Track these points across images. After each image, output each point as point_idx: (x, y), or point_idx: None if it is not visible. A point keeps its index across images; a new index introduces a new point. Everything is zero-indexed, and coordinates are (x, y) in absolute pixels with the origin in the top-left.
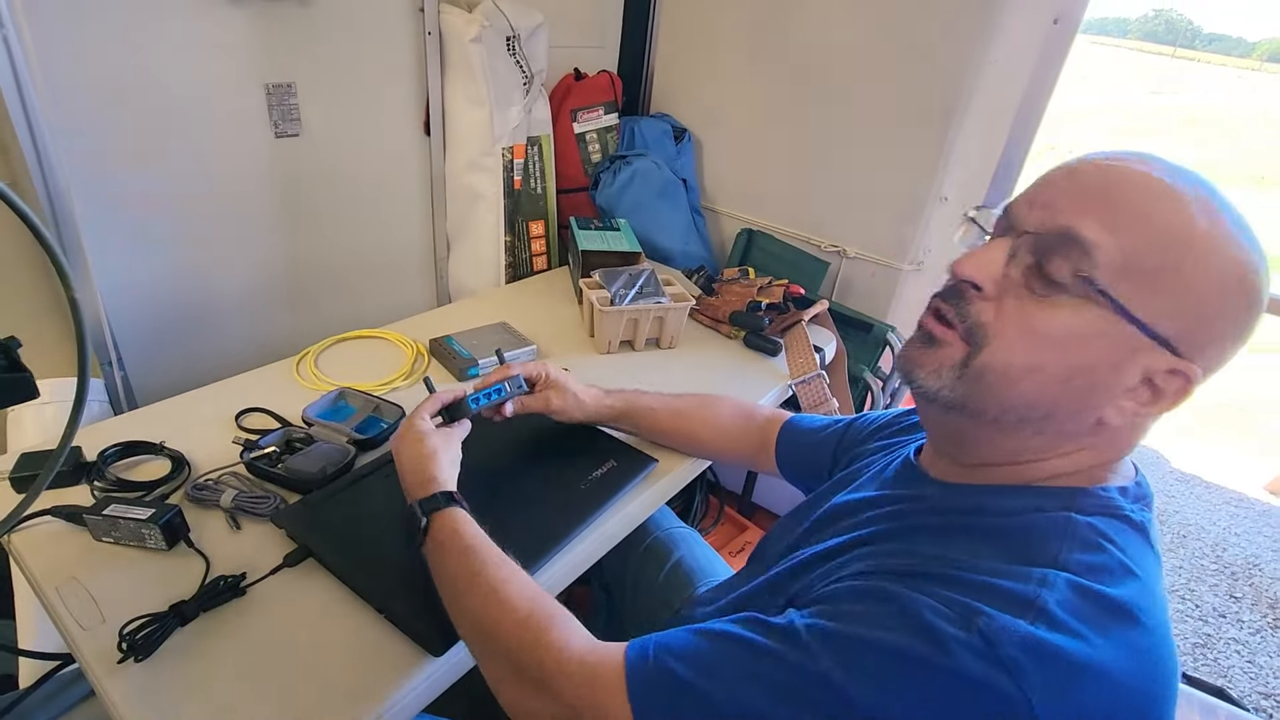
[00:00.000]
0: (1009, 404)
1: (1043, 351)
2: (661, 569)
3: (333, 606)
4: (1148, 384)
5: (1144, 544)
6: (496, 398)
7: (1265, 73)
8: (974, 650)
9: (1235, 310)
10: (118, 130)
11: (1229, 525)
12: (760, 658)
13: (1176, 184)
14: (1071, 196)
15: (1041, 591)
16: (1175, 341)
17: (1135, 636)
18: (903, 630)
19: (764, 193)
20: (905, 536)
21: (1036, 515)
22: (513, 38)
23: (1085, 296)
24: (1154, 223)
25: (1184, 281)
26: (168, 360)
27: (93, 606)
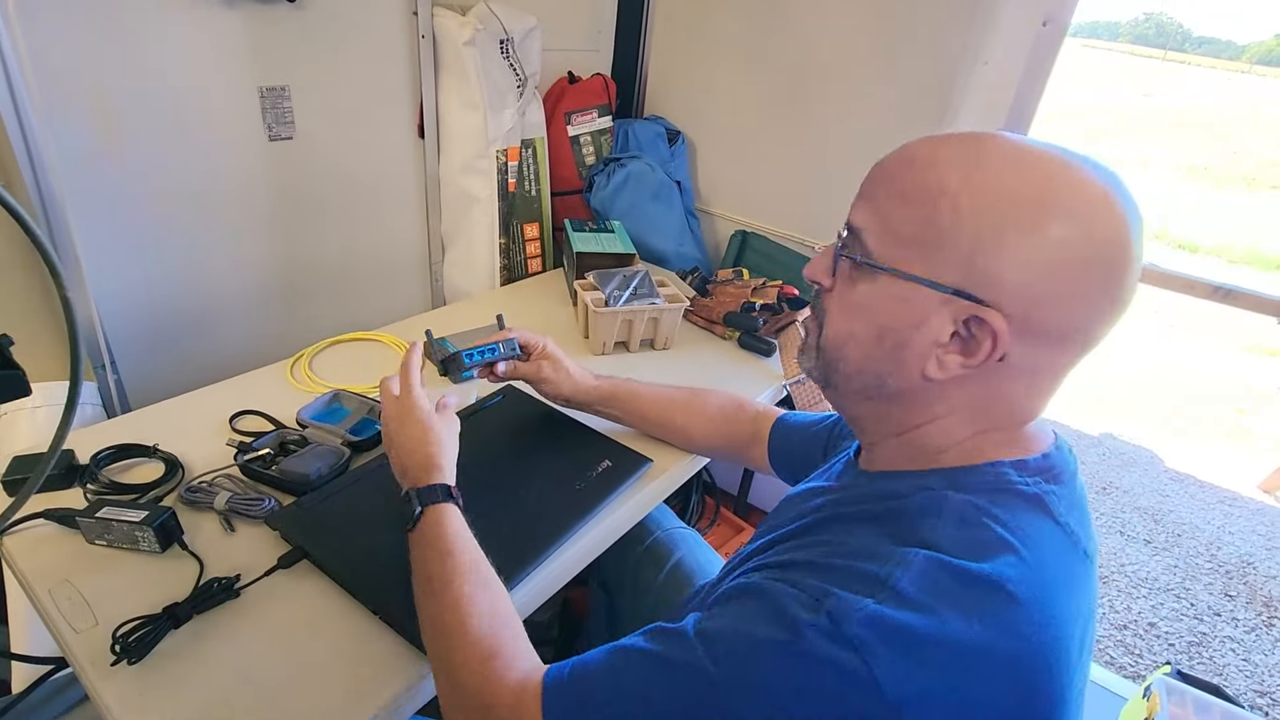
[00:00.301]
0: (847, 370)
1: (853, 320)
2: (662, 569)
3: (327, 608)
4: (958, 336)
5: (1038, 516)
6: (490, 356)
7: (1255, 75)
8: (821, 630)
9: (1015, 241)
10: (111, 133)
11: (1223, 524)
12: (657, 667)
13: (937, 151)
14: (860, 191)
15: (895, 570)
16: (965, 288)
17: (1000, 611)
18: (764, 620)
19: (758, 194)
20: (823, 527)
21: (919, 496)
22: (506, 41)
23: (872, 269)
24: (905, 189)
25: (945, 232)
26: (161, 363)
27: (86, 609)
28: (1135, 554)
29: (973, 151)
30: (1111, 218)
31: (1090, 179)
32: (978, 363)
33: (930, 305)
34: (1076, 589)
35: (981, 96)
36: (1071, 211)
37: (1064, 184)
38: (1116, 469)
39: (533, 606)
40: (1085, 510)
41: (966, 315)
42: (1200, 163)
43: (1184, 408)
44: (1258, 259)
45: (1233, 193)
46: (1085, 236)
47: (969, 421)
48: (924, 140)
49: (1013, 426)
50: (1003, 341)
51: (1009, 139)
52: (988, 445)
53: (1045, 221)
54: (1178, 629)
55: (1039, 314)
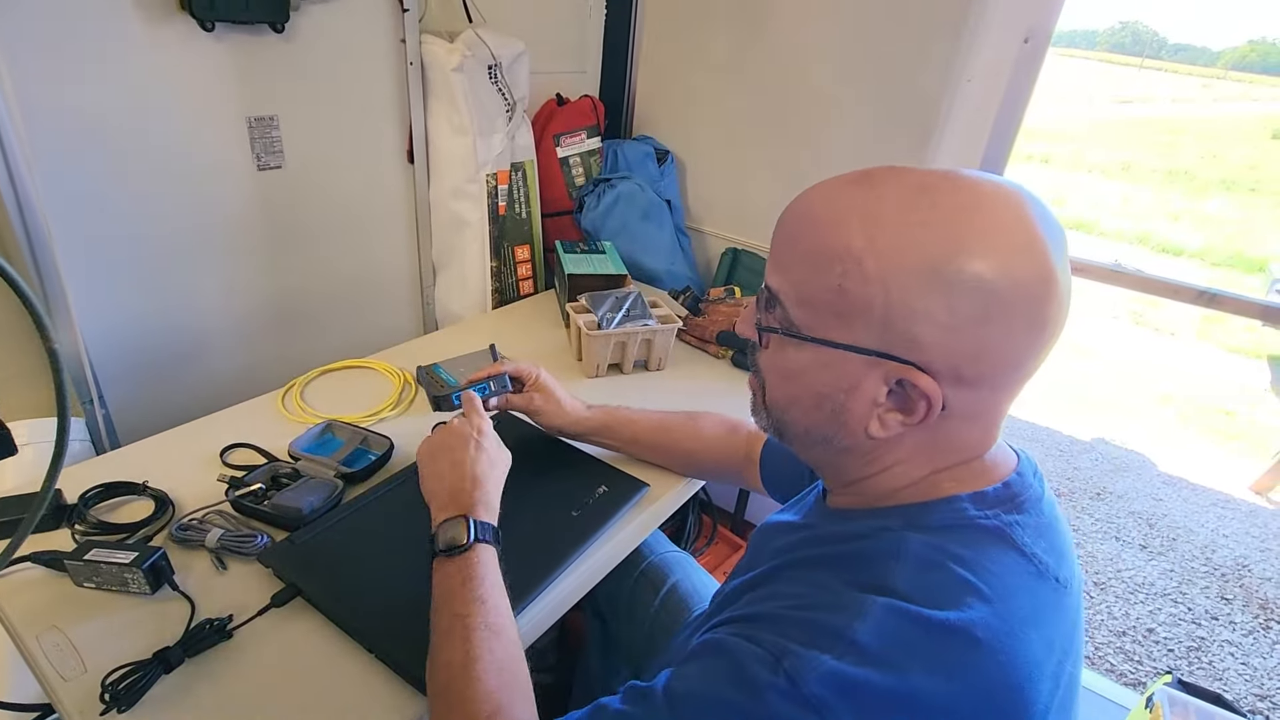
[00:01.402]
0: (795, 431)
1: (790, 386)
2: (657, 595)
3: (322, 647)
4: (893, 395)
5: (1001, 550)
6: (482, 395)
7: (1230, 80)
8: (780, 692)
9: (928, 302)
10: (98, 167)
11: (1217, 527)
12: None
13: (834, 206)
14: (771, 248)
15: (853, 622)
16: (887, 350)
17: (962, 656)
18: (726, 682)
19: (747, 211)
20: (783, 574)
21: (878, 537)
22: (494, 66)
23: (795, 338)
24: (810, 253)
25: (856, 297)
26: (150, 397)
27: (74, 656)
28: (1131, 559)
29: (872, 205)
30: (1029, 250)
31: (1002, 212)
32: (916, 420)
33: (859, 369)
34: (1047, 621)
35: (966, 112)
36: (986, 256)
37: (975, 229)
38: (1109, 474)
39: (532, 637)
40: (1057, 533)
41: (896, 376)
42: (1180, 167)
43: (1172, 410)
44: (1240, 261)
45: (1213, 196)
46: (1003, 279)
47: (924, 464)
48: (821, 191)
49: (969, 460)
50: (935, 400)
51: (910, 179)
52: (945, 481)
53: (957, 276)
54: (1176, 634)
55: (968, 367)
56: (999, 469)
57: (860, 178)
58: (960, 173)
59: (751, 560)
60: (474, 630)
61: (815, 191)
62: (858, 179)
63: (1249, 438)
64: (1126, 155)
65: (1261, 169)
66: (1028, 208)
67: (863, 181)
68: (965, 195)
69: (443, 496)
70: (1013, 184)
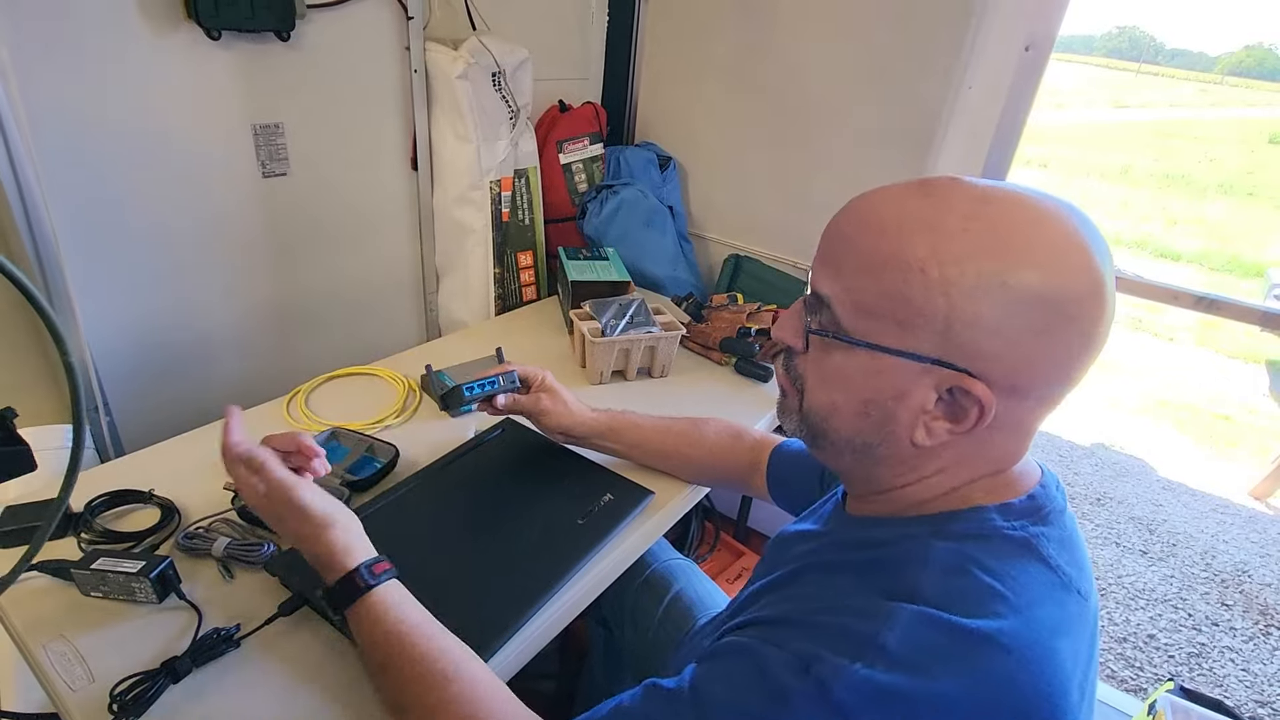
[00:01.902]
0: (834, 438)
1: (834, 392)
2: (661, 602)
3: (329, 656)
4: (942, 403)
5: (1027, 561)
6: (490, 389)
7: (1227, 86)
8: (809, 698)
9: (991, 311)
10: (104, 176)
11: (1217, 532)
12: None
13: (897, 213)
14: (820, 252)
15: (881, 628)
16: (944, 358)
17: (991, 663)
18: (752, 687)
19: (750, 218)
20: (804, 577)
21: (903, 544)
22: (498, 73)
23: (847, 343)
24: (869, 260)
25: (918, 305)
26: (156, 404)
27: (81, 665)
28: (1132, 565)
29: (934, 214)
30: (1087, 267)
31: (1059, 229)
32: (966, 429)
33: (910, 376)
34: (1071, 631)
35: (967, 120)
36: (1048, 271)
37: (1036, 242)
38: (1110, 480)
39: (538, 646)
40: (1078, 547)
41: (950, 384)
42: (1179, 172)
43: (1171, 415)
44: (1238, 265)
45: (1211, 200)
46: (1063, 294)
47: (958, 475)
48: (881, 197)
49: (1000, 471)
50: (989, 409)
51: (971, 190)
52: (974, 492)
53: (1019, 286)
54: (1177, 640)
55: (1024, 378)
56: (1024, 481)
57: (920, 186)
58: (1016, 187)
59: (770, 565)
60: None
61: (874, 198)
62: (917, 188)
63: (1248, 443)
64: (1124, 160)
65: (1259, 174)
66: (1079, 224)
67: (923, 190)
68: (1026, 209)
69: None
70: (1063, 201)
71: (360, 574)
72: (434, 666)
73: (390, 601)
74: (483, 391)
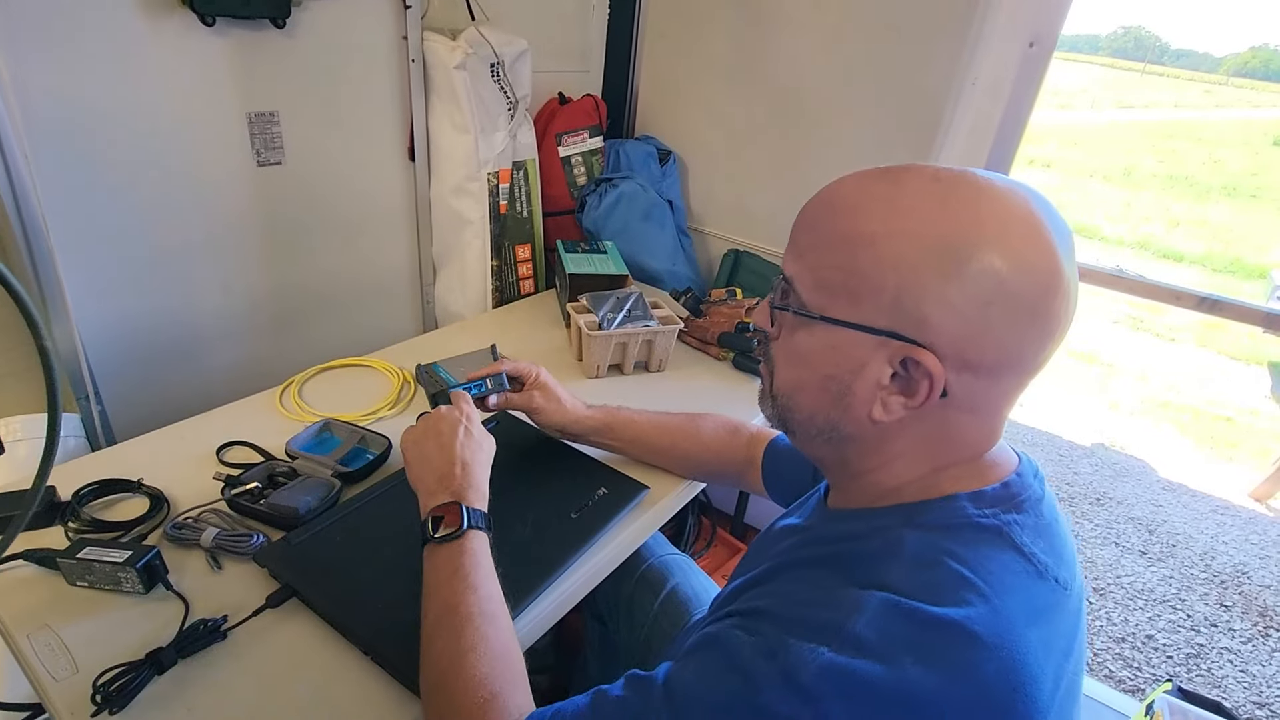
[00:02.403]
0: (799, 417)
1: (798, 369)
2: (657, 598)
3: (318, 648)
4: (898, 379)
5: (999, 549)
6: (477, 392)
7: (1232, 87)
8: (777, 684)
9: (939, 284)
10: (96, 161)
11: (1216, 534)
12: (625, 716)
13: (856, 194)
14: (790, 237)
15: (851, 616)
16: (896, 330)
17: (960, 652)
18: (723, 673)
19: (750, 213)
20: (784, 573)
21: (877, 536)
22: (497, 64)
23: (807, 319)
24: (825, 236)
25: (869, 277)
26: (147, 394)
27: (66, 655)
28: (1131, 565)
29: (891, 193)
30: (1038, 243)
31: (1012, 205)
32: (919, 403)
33: (866, 349)
34: (1047, 621)
35: (970, 116)
36: (996, 245)
37: (985, 216)
38: (1109, 480)
39: (531, 640)
40: (1057, 535)
41: (902, 356)
42: (1182, 173)
43: (1171, 416)
44: (1240, 267)
45: (1214, 202)
46: (1012, 268)
47: (925, 459)
48: (844, 182)
49: (970, 458)
50: (938, 380)
51: (928, 173)
52: (944, 480)
53: (967, 259)
54: (1175, 641)
55: (973, 351)
56: (999, 469)
57: (882, 172)
58: (974, 170)
59: (752, 561)
60: (468, 619)
61: (838, 183)
62: (880, 173)
63: (1248, 445)
64: (1128, 161)
65: (1263, 176)
66: (1035, 205)
67: (884, 175)
68: (979, 188)
69: (430, 482)
70: (1022, 184)
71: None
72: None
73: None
74: (475, 394)
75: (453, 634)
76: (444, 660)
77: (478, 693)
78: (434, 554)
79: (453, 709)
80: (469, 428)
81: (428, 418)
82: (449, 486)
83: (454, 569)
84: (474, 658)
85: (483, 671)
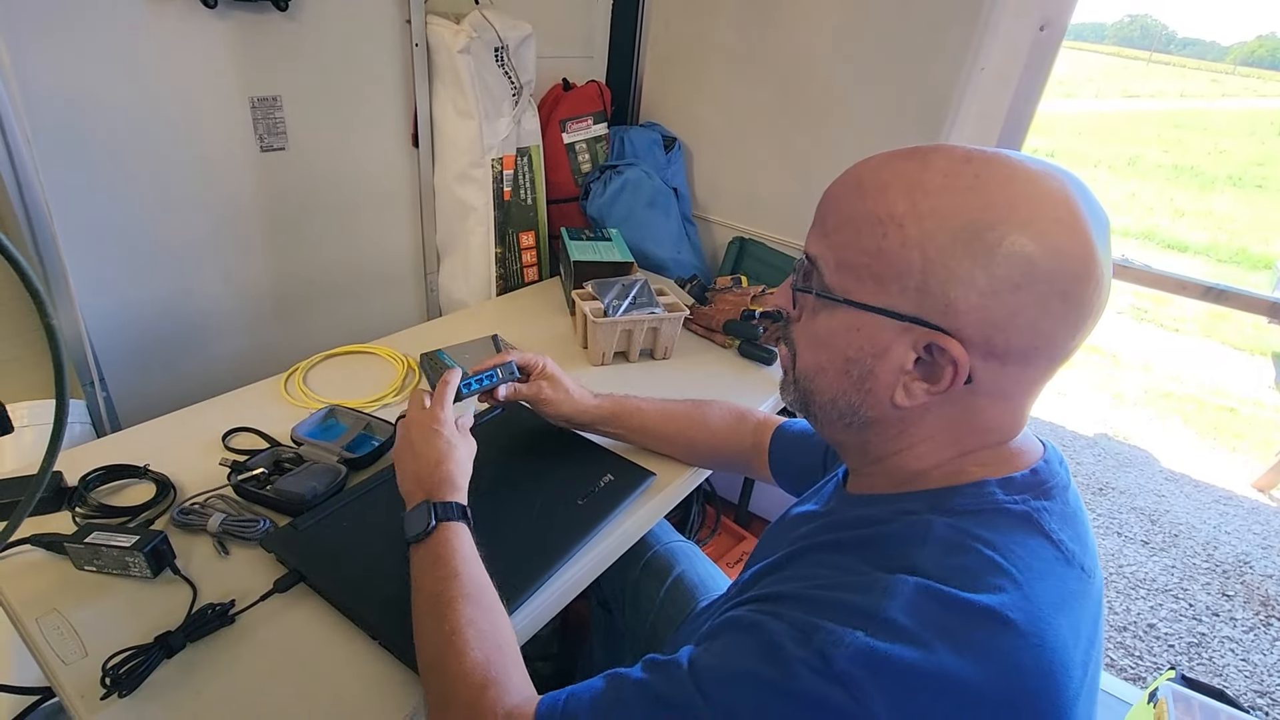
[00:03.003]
0: (821, 401)
1: (819, 352)
2: (662, 585)
3: (325, 633)
4: (921, 364)
5: (1029, 535)
6: (488, 383)
7: (1239, 76)
8: (811, 667)
9: (967, 266)
10: (98, 145)
11: (1219, 524)
12: (649, 700)
13: (881, 173)
14: (815, 218)
15: (883, 600)
16: (920, 315)
17: (993, 638)
18: (754, 656)
19: (755, 200)
20: (804, 557)
21: (902, 521)
22: (501, 49)
23: (830, 301)
24: (851, 217)
25: (894, 259)
26: (152, 380)
27: (74, 639)
28: (1133, 555)
29: (918, 172)
30: (1072, 227)
31: (1047, 188)
32: (942, 389)
33: (890, 334)
34: (1075, 607)
35: (978, 102)
36: (1026, 227)
37: (1017, 198)
38: (1113, 470)
39: (536, 627)
40: (1081, 523)
41: (926, 342)
42: (1187, 163)
43: (1175, 407)
44: (1245, 258)
45: (1219, 192)
46: (1043, 252)
47: (949, 444)
48: (870, 161)
49: (996, 445)
50: (963, 368)
51: (957, 152)
52: (971, 465)
53: (997, 242)
54: (1177, 630)
55: (1000, 337)
56: (1026, 455)
57: (910, 151)
58: (1009, 152)
59: (770, 547)
60: (453, 606)
61: (864, 162)
62: (908, 152)
63: (1252, 435)
64: (1134, 150)
65: (1269, 166)
66: (1071, 187)
67: (912, 154)
68: (1012, 169)
69: (409, 487)
70: (1059, 167)
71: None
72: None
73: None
74: (480, 386)
75: (438, 618)
76: (434, 649)
77: (472, 677)
78: (416, 553)
79: (449, 688)
80: (437, 429)
81: (401, 425)
82: (423, 488)
83: (433, 560)
84: (461, 643)
85: (474, 656)
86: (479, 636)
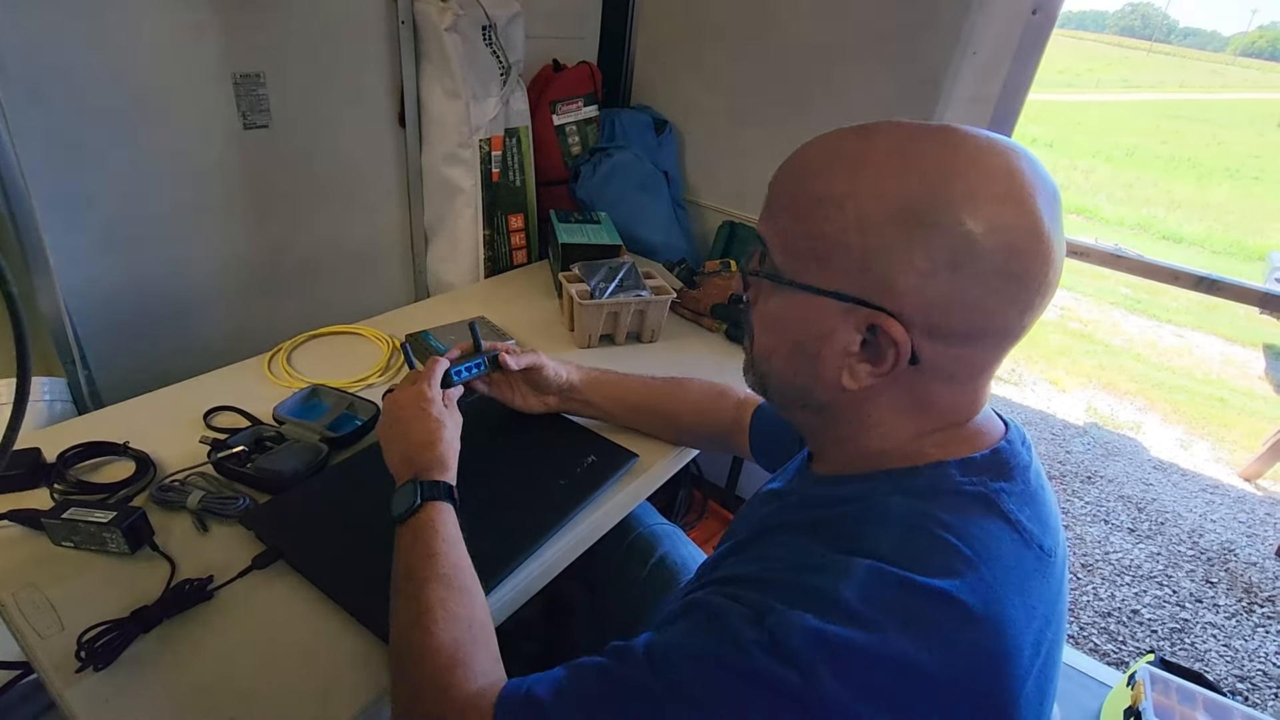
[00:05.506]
0: (775, 384)
1: (771, 335)
2: (645, 567)
3: (303, 610)
4: (867, 346)
5: (986, 517)
6: (478, 372)
7: (1239, 67)
8: (763, 647)
9: (904, 247)
10: (79, 123)
11: (1205, 512)
12: (605, 684)
13: (825, 153)
14: (766, 198)
15: (838, 582)
16: (861, 295)
17: (948, 622)
18: (709, 637)
19: (746, 185)
20: (766, 538)
21: (863, 502)
22: (489, 27)
23: (779, 284)
24: (796, 197)
25: (835, 242)
26: (134, 358)
27: (51, 614)
28: (1119, 542)
29: (860, 150)
30: (1017, 203)
31: (990, 164)
32: (885, 371)
33: (834, 316)
34: (1031, 589)
35: (970, 85)
36: (965, 204)
37: (956, 175)
38: (1101, 458)
39: (516, 605)
40: (1042, 503)
41: (869, 323)
42: (1185, 154)
43: (1165, 396)
44: (1240, 249)
45: (1217, 184)
46: (983, 229)
47: (905, 426)
48: (819, 141)
49: (954, 425)
50: (904, 348)
51: (901, 128)
52: (929, 446)
53: (934, 221)
54: (1160, 616)
55: (941, 317)
56: (987, 436)
57: (858, 129)
58: (958, 126)
59: (735, 528)
60: (427, 584)
61: (811, 141)
62: (854, 130)
63: (1241, 425)
64: (1132, 141)
65: (1266, 158)
66: (1018, 160)
67: (858, 132)
68: (954, 144)
69: (397, 464)
70: (1007, 139)
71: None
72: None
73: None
74: (469, 376)
75: (409, 596)
76: (404, 627)
77: (438, 658)
78: (400, 533)
79: (416, 666)
80: (426, 408)
81: (388, 401)
82: (411, 466)
83: (414, 538)
84: (430, 622)
85: (442, 638)
86: (449, 618)
